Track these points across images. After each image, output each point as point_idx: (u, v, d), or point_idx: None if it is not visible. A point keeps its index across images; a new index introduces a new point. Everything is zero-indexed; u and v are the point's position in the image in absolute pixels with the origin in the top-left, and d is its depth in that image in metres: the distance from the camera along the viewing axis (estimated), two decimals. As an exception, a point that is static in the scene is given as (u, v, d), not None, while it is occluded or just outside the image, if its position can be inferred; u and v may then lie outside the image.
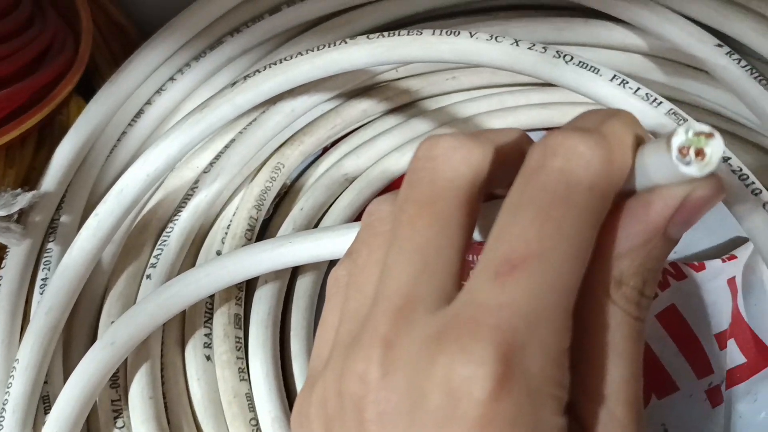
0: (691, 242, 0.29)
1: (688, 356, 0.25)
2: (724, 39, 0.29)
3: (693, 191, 0.15)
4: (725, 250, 0.28)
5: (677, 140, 0.14)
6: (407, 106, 0.35)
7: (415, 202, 0.16)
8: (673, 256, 0.29)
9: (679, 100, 0.33)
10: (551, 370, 0.14)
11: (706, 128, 0.14)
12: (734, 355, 0.26)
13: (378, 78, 0.35)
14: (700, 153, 0.14)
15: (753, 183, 0.23)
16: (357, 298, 0.17)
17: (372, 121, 0.35)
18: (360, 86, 0.35)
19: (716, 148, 0.14)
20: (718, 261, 0.26)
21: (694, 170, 0.14)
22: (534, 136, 0.17)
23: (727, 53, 0.29)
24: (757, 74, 0.28)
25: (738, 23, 0.29)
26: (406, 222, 0.16)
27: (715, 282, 0.26)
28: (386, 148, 0.34)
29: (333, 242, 0.25)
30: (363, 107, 0.34)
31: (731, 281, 0.26)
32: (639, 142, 0.16)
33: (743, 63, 0.28)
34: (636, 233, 0.15)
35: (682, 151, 0.14)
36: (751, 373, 0.26)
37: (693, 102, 0.33)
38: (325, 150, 0.35)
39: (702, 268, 0.26)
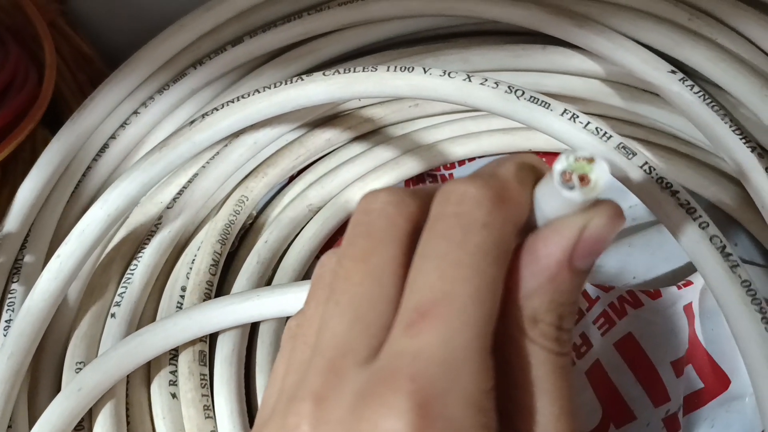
0: (649, 267, 0.30)
1: (645, 385, 0.26)
2: (677, 65, 0.30)
3: (589, 221, 0.15)
4: (683, 274, 0.29)
5: (559, 166, 0.15)
6: (371, 133, 0.36)
7: (351, 258, 0.16)
8: (631, 281, 0.30)
9: (637, 123, 0.33)
10: (474, 414, 0.14)
11: (587, 154, 0.14)
12: (692, 381, 0.26)
13: (341, 107, 0.35)
14: (584, 179, 0.14)
15: (700, 216, 0.23)
16: (301, 349, 0.17)
17: (337, 149, 0.35)
18: (323, 116, 0.35)
19: (601, 173, 0.14)
20: (674, 288, 0.27)
21: (577, 195, 0.14)
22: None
23: (680, 79, 0.29)
24: (709, 100, 0.29)
25: (690, 49, 0.29)
26: (342, 276, 0.16)
27: (671, 309, 0.27)
28: (350, 177, 0.34)
29: (300, 297, 0.25)
30: (327, 136, 0.35)
31: (688, 307, 0.27)
32: (539, 179, 0.16)
33: (696, 89, 0.29)
34: (539, 270, 0.16)
35: (565, 177, 0.14)
36: (709, 399, 0.26)
37: (650, 125, 0.33)
38: (292, 178, 0.35)
39: (658, 295, 0.27)
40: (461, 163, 0.36)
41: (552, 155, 0.34)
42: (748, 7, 0.30)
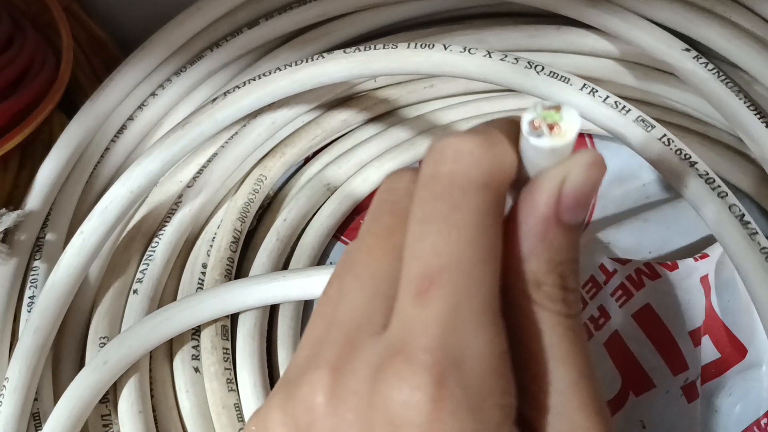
0: (665, 241, 0.30)
1: (663, 354, 0.26)
2: (691, 43, 0.30)
3: (568, 173, 0.15)
4: (698, 248, 0.29)
5: (527, 116, 0.15)
6: (386, 114, 0.36)
7: (374, 233, 0.16)
8: (647, 256, 0.30)
9: (650, 102, 0.34)
10: (490, 379, 0.14)
11: (555, 103, 0.15)
12: (709, 351, 0.27)
13: (357, 88, 0.35)
14: (554, 126, 0.15)
15: (719, 186, 0.23)
16: (318, 323, 0.17)
17: (352, 130, 0.36)
18: (339, 97, 0.35)
19: (570, 119, 0.15)
20: (690, 260, 0.27)
21: (546, 142, 0.15)
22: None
23: (694, 57, 0.30)
24: (723, 77, 0.29)
25: (704, 27, 0.30)
26: (364, 251, 0.16)
27: (688, 280, 0.27)
28: (366, 157, 0.34)
29: (324, 280, 0.26)
30: (343, 117, 0.35)
31: (704, 279, 0.27)
32: None
33: (710, 66, 0.29)
34: (530, 229, 0.15)
35: (534, 125, 0.15)
36: (726, 368, 0.27)
37: (663, 104, 0.33)
38: (308, 159, 0.36)
39: (675, 267, 0.27)
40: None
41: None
42: (761, -14, 0.31)
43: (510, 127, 0.16)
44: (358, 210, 0.34)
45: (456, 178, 0.15)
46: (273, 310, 0.30)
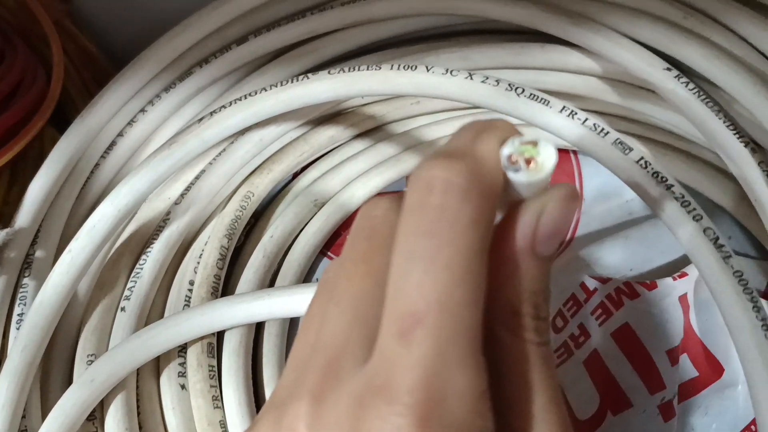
0: (646, 259, 0.31)
1: (641, 373, 0.26)
2: (673, 62, 0.30)
3: (545, 206, 0.15)
4: (678, 267, 0.29)
5: (506, 150, 0.15)
6: (373, 130, 0.36)
7: (353, 260, 0.17)
8: (628, 273, 0.30)
9: (634, 119, 0.34)
10: (472, 419, 0.14)
11: (532, 138, 0.15)
12: (687, 370, 0.27)
13: (344, 105, 0.36)
14: (531, 161, 0.15)
15: (695, 209, 0.24)
16: (302, 347, 0.17)
17: (340, 146, 0.36)
18: (327, 113, 0.35)
19: (547, 155, 0.15)
20: (669, 279, 0.28)
21: (523, 176, 0.15)
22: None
23: (675, 76, 0.30)
24: (704, 96, 0.29)
25: (685, 47, 0.30)
26: (344, 277, 0.16)
27: (667, 300, 0.27)
28: (353, 173, 0.35)
29: (308, 298, 0.26)
30: (330, 134, 0.35)
31: (683, 298, 0.28)
32: None
33: (691, 86, 0.30)
34: (507, 260, 0.16)
35: (512, 159, 0.15)
36: (703, 387, 0.27)
37: (647, 121, 0.34)
38: (296, 175, 0.36)
39: (654, 286, 0.28)
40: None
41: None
42: (741, 6, 0.31)
43: (496, 149, 0.16)
44: (345, 225, 0.35)
45: (445, 213, 0.14)
46: (259, 327, 0.31)
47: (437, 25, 0.36)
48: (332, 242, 0.34)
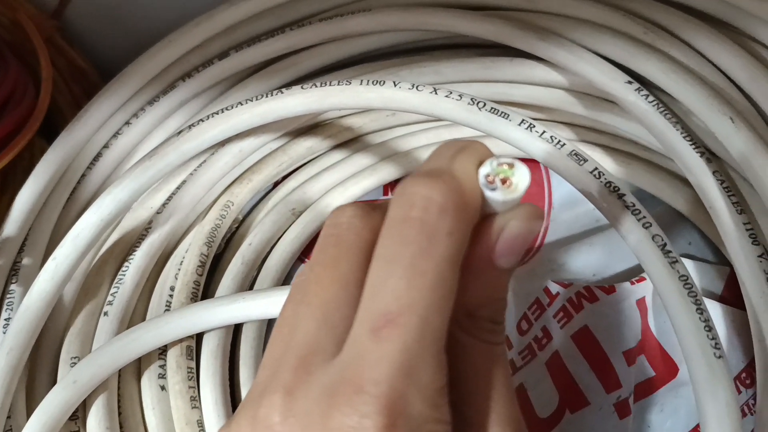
0: (608, 265, 0.32)
1: (598, 373, 0.27)
2: (635, 75, 0.32)
3: (508, 222, 0.17)
4: (639, 271, 0.31)
5: (483, 170, 0.17)
6: (351, 141, 0.38)
7: (321, 264, 0.18)
8: (591, 278, 0.32)
9: (600, 129, 0.35)
10: (431, 411, 0.16)
11: (509, 160, 0.17)
12: (644, 370, 0.28)
13: (322, 117, 0.37)
14: (506, 180, 0.16)
15: (644, 217, 0.25)
16: (277, 346, 0.18)
17: (318, 156, 0.37)
18: (305, 125, 0.37)
19: (521, 176, 0.17)
20: (627, 283, 0.29)
21: (498, 195, 0.17)
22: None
23: (636, 89, 0.31)
24: (662, 108, 0.31)
25: (644, 61, 0.31)
26: (313, 281, 0.18)
27: (625, 303, 0.29)
28: (331, 182, 0.36)
29: (282, 300, 0.27)
30: (309, 144, 0.37)
31: (641, 301, 0.29)
32: None
33: (650, 98, 0.31)
34: (470, 267, 0.17)
35: (488, 179, 0.17)
36: (660, 385, 0.28)
37: (612, 131, 0.35)
38: (276, 184, 0.37)
39: (613, 290, 0.29)
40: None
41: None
42: (699, 22, 0.32)
43: (473, 168, 0.17)
44: (323, 233, 0.36)
45: (424, 226, 0.16)
46: (236, 330, 0.32)
47: (410, 40, 0.37)
48: (309, 249, 0.36)
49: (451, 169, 0.17)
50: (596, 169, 0.26)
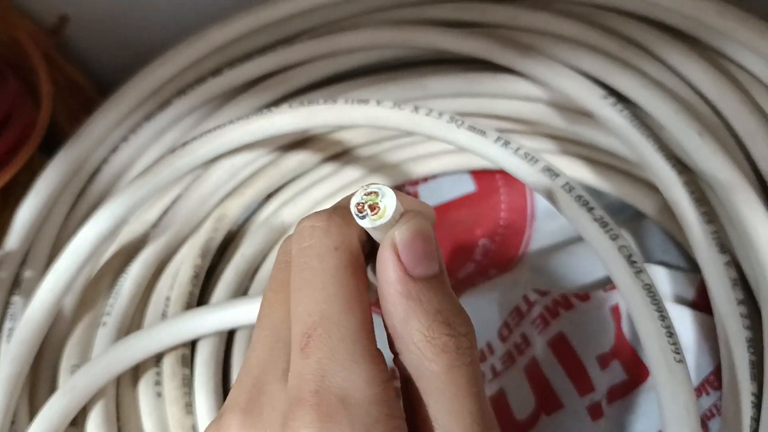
0: (586, 273, 0.33)
1: (572, 377, 0.29)
2: (611, 90, 0.33)
3: (394, 234, 0.18)
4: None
5: (354, 199, 0.18)
6: (340, 155, 0.39)
7: (271, 289, 0.20)
8: (570, 286, 0.33)
9: (579, 141, 0.37)
10: (374, 407, 0.16)
11: (375, 188, 0.18)
12: (617, 374, 0.29)
13: (312, 132, 0.38)
14: (375, 207, 0.18)
15: (612, 229, 0.26)
16: (241, 369, 0.20)
17: (308, 170, 0.39)
18: (295, 140, 0.38)
19: (387, 202, 0.18)
20: (601, 291, 0.30)
21: (367, 222, 0.18)
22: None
23: (611, 104, 0.33)
24: (636, 122, 0.32)
25: (619, 77, 0.33)
26: (265, 305, 0.20)
27: (599, 310, 0.30)
28: (321, 196, 0.37)
29: None
30: (299, 159, 0.38)
31: (615, 308, 0.30)
32: None
33: (625, 112, 0.32)
34: (394, 295, 0.17)
35: (359, 208, 0.18)
36: (632, 388, 0.29)
37: (591, 143, 0.36)
38: (269, 197, 0.39)
39: (587, 298, 0.30)
40: (424, 180, 0.39)
41: (498, 172, 0.37)
42: (672, 39, 0.34)
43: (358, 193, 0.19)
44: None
45: (313, 249, 0.18)
46: (230, 339, 0.33)
47: (397, 57, 0.39)
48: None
49: (334, 206, 0.19)
50: (567, 183, 0.27)
